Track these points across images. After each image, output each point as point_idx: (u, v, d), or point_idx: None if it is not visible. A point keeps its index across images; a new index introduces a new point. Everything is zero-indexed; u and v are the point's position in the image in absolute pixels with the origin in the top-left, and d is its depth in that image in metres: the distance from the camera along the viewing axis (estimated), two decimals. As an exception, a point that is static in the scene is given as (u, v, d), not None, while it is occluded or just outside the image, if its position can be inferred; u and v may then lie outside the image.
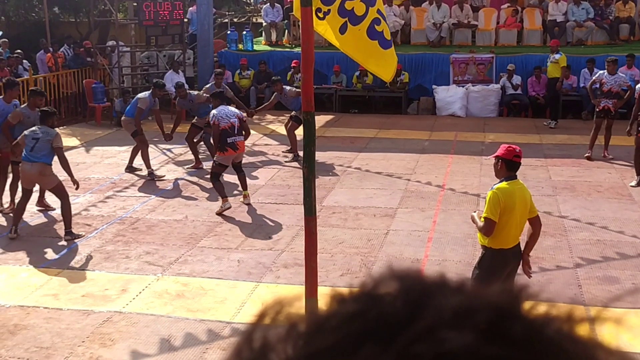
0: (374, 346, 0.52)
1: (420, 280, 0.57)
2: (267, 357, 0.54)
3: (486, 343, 0.51)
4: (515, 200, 5.88)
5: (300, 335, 0.55)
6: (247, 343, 0.56)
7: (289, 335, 0.55)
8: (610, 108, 12.78)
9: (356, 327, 0.54)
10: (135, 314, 7.05)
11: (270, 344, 0.55)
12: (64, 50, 18.62)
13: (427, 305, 0.54)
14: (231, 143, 10.10)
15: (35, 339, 6.57)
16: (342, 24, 6.07)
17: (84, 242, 9.09)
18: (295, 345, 0.54)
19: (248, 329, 0.57)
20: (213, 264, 8.35)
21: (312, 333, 0.55)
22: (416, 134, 15.29)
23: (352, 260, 8.39)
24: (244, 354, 0.55)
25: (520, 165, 6.08)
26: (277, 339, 0.55)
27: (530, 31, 18.70)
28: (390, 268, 0.58)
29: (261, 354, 0.55)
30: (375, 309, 0.55)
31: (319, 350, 0.53)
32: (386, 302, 0.55)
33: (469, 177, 11.89)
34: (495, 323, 0.53)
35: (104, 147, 14.31)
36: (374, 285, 0.57)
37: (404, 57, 18.08)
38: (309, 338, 0.54)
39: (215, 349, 6.40)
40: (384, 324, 0.53)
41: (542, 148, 13.81)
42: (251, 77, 18.38)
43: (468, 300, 0.55)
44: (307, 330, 0.55)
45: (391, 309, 0.54)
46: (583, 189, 11.20)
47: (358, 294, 0.57)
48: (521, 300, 0.55)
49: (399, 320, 0.53)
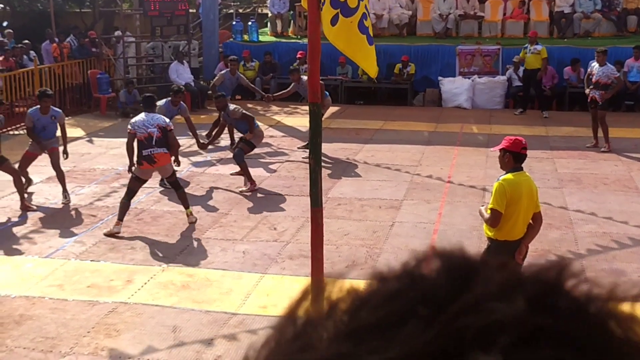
0: (418, 322, 0.52)
1: (463, 257, 0.57)
2: (309, 335, 0.54)
3: (534, 314, 0.52)
4: (522, 191, 5.87)
5: (342, 314, 0.55)
6: (290, 321, 0.56)
7: (331, 313, 0.55)
8: (597, 99, 12.78)
9: (399, 304, 0.54)
10: (140, 305, 7.06)
11: (312, 322, 0.55)
12: (69, 40, 18.60)
13: (471, 281, 0.54)
14: (146, 156, 9.07)
15: (40, 329, 6.58)
16: (334, 15, 5.93)
17: (89, 233, 9.09)
18: (338, 323, 0.54)
19: (291, 306, 0.57)
20: (218, 255, 8.35)
21: (354, 311, 0.55)
22: (422, 125, 15.25)
23: (358, 252, 8.38)
24: (287, 332, 0.56)
25: (526, 157, 6.06)
26: (320, 317, 0.55)
27: (537, 22, 18.60)
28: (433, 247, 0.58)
29: (303, 332, 0.55)
30: (418, 287, 0.55)
31: (360, 327, 0.53)
32: (429, 280, 0.55)
33: (474, 169, 11.86)
34: (541, 296, 0.53)
35: (108, 138, 14.30)
36: (416, 264, 0.57)
37: (409, 48, 18.04)
38: (351, 316, 0.54)
39: (220, 340, 6.40)
40: (427, 301, 0.53)
41: (548, 140, 13.76)
42: (256, 68, 18.33)
43: (513, 274, 0.55)
44: (349, 308, 0.55)
45: (434, 286, 0.55)
46: (589, 182, 11.16)
47: (400, 273, 0.57)
48: (565, 277, 0.55)
49: (442, 297, 0.53)
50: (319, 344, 0.54)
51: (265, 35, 19.92)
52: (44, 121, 10.32)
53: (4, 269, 8.04)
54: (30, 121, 10.36)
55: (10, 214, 9.82)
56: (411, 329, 0.52)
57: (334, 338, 0.54)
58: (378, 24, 18.96)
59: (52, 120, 10.36)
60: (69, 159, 10.77)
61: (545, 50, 15.71)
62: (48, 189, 10.84)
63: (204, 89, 17.16)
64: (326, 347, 0.53)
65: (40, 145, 10.40)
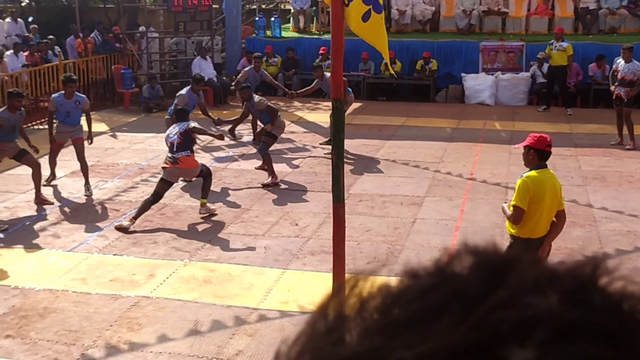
0: (451, 318, 0.52)
1: (496, 254, 0.57)
2: (341, 330, 0.55)
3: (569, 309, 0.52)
4: (545, 188, 5.82)
5: (374, 310, 0.55)
6: (322, 316, 0.56)
7: (364, 308, 0.55)
8: (622, 96, 12.67)
9: (431, 300, 0.54)
10: (162, 299, 7.10)
11: (344, 317, 0.55)
12: (94, 36, 18.73)
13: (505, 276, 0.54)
14: (170, 157, 9.44)
15: (64, 322, 6.64)
16: (366, 12, 6.04)
17: (112, 227, 9.15)
18: (370, 319, 0.55)
19: (323, 302, 0.57)
20: (240, 250, 8.37)
21: (386, 306, 0.55)
22: (444, 122, 15.17)
23: (379, 249, 8.36)
24: (319, 326, 0.56)
25: (550, 154, 6.01)
26: (352, 312, 0.55)
27: (562, 19, 18.43)
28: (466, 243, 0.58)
29: (335, 327, 0.55)
30: (451, 283, 0.55)
31: (393, 323, 0.53)
32: (462, 276, 0.55)
33: (497, 166, 11.78)
34: (576, 291, 0.53)
35: (132, 132, 14.38)
36: (449, 260, 0.57)
37: (432, 44, 17.96)
38: (383, 312, 0.55)
39: (241, 335, 6.42)
40: (460, 297, 0.53)
41: (572, 137, 13.64)
42: (278, 64, 18.34)
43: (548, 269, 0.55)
44: (381, 303, 0.55)
45: (467, 282, 0.54)
46: (614, 179, 11.05)
47: (432, 269, 0.57)
48: (600, 273, 0.56)
49: (476, 293, 0.53)
50: (350, 339, 0.54)
51: (288, 31, 19.91)
52: (67, 106, 10.39)
53: (28, 262, 8.12)
54: (53, 105, 10.41)
55: (34, 207, 9.91)
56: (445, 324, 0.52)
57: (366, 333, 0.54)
58: (401, 19, 18.91)
59: (76, 105, 10.43)
60: (93, 153, 10.86)
61: (571, 47, 15.57)
62: (72, 183, 10.93)
63: (227, 85, 17.20)
64: (358, 342, 0.53)
65: (62, 133, 10.42)
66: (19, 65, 16.34)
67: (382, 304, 0.55)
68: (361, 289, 0.57)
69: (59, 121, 10.57)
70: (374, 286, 0.57)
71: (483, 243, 0.58)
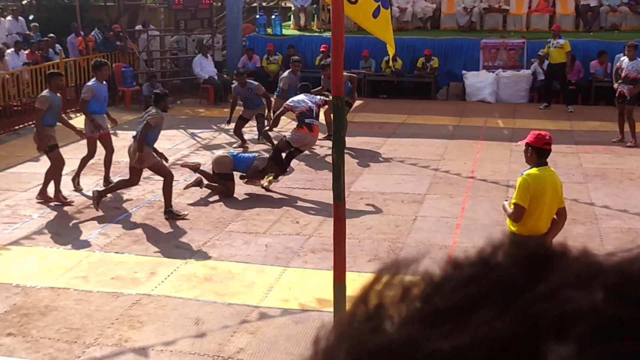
0: (491, 309, 0.51)
1: (541, 246, 0.56)
2: (381, 317, 0.54)
3: (613, 305, 0.51)
4: (546, 186, 5.82)
5: (415, 298, 0.55)
6: (363, 303, 0.56)
7: (404, 296, 0.55)
8: (625, 93, 12.66)
9: (472, 290, 0.53)
10: (163, 297, 7.11)
11: (385, 305, 0.55)
12: (94, 34, 18.73)
13: (548, 269, 0.53)
14: (308, 123, 10.48)
15: (65, 320, 6.65)
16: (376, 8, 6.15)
17: (113, 225, 9.16)
18: (410, 307, 0.54)
19: (364, 289, 0.57)
20: (241, 248, 8.38)
21: (427, 296, 0.54)
22: (445, 119, 15.17)
23: (380, 246, 8.37)
24: (358, 312, 0.56)
25: (550, 152, 6.01)
26: (392, 300, 0.55)
27: (563, 16, 18.42)
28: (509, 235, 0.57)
29: (375, 314, 0.55)
30: (493, 274, 0.54)
31: (433, 312, 0.53)
32: (505, 268, 0.55)
33: (498, 163, 11.78)
34: (621, 287, 0.52)
35: (133, 131, 14.33)
36: (492, 251, 0.56)
37: (433, 42, 17.95)
38: (424, 301, 0.54)
39: (242, 333, 6.43)
40: (502, 288, 0.53)
41: (573, 134, 13.64)
42: (279, 61, 18.32)
43: (592, 264, 0.54)
44: (422, 293, 0.55)
45: (510, 273, 0.54)
46: (615, 177, 11.05)
47: (475, 259, 0.56)
48: None
49: (518, 284, 0.52)
50: (390, 327, 0.54)
51: (289, 28, 19.90)
52: (104, 91, 10.47)
53: (29, 260, 8.13)
54: (92, 92, 10.32)
55: (36, 206, 9.92)
56: (484, 315, 0.51)
57: (405, 322, 0.53)
58: (402, 17, 18.89)
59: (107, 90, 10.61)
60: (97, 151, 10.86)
61: (569, 44, 15.57)
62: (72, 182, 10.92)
63: (227, 83, 17.20)
64: (397, 330, 0.53)
65: (94, 123, 10.36)
66: (20, 64, 16.35)
67: (424, 292, 0.55)
68: (403, 276, 0.57)
69: (96, 112, 10.46)
70: (416, 274, 0.57)
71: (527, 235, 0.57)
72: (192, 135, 14.09)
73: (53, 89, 9.78)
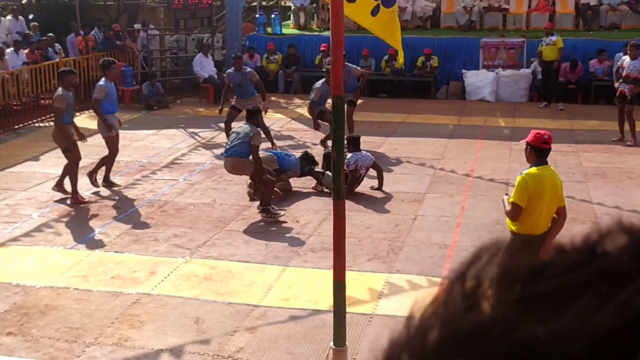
0: (593, 297, 0.50)
1: None
2: (477, 298, 0.54)
3: None
4: (545, 185, 5.81)
5: (515, 280, 0.54)
6: (459, 282, 0.55)
7: (503, 279, 0.54)
8: (626, 93, 12.67)
9: (576, 277, 0.52)
10: (163, 296, 7.11)
11: (482, 286, 0.54)
12: (94, 33, 18.73)
13: None
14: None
15: (65, 319, 6.65)
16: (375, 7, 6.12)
17: (113, 225, 9.17)
18: (508, 289, 0.53)
19: (462, 267, 0.56)
20: (241, 247, 8.38)
21: (528, 279, 0.53)
22: (445, 118, 15.17)
23: (380, 245, 8.37)
24: (454, 291, 0.55)
25: (549, 151, 6.00)
26: (491, 281, 0.54)
27: (563, 15, 18.42)
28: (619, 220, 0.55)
29: (471, 294, 0.54)
30: (599, 261, 0.53)
31: (532, 296, 0.52)
32: (612, 255, 0.53)
33: (498, 162, 11.78)
34: None
35: (132, 130, 14.38)
36: (599, 238, 0.54)
37: (433, 41, 17.94)
38: (524, 284, 0.53)
39: (242, 332, 6.43)
40: (607, 276, 0.51)
41: (573, 134, 13.64)
42: (279, 61, 18.32)
43: None
44: (523, 276, 0.54)
45: (616, 262, 0.52)
46: (614, 176, 11.05)
47: (581, 245, 0.54)
48: None
49: (624, 274, 0.51)
50: (485, 307, 0.53)
51: (288, 27, 19.90)
52: (115, 90, 10.52)
53: (29, 259, 8.13)
54: (105, 91, 10.26)
55: (36, 205, 9.92)
56: (585, 304, 0.50)
57: (501, 303, 0.53)
58: (401, 16, 18.87)
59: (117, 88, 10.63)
60: (93, 151, 10.87)
61: (561, 40, 15.63)
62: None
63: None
64: (492, 311, 0.52)
65: (106, 124, 10.33)
66: (20, 63, 16.35)
67: (524, 276, 0.54)
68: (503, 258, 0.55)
69: (109, 112, 10.41)
70: (517, 257, 0.55)
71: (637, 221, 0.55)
72: (191, 135, 14.09)
73: (66, 86, 9.80)
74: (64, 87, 9.78)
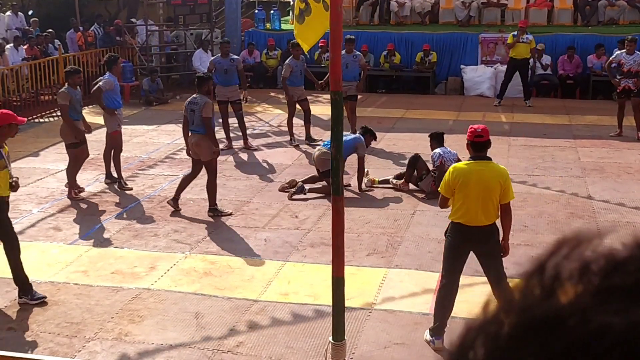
0: None
1: None
2: (554, 287, 0.55)
3: None
4: (470, 179, 5.90)
5: (594, 272, 0.54)
6: (539, 271, 0.56)
7: (583, 271, 0.55)
8: (631, 87, 12.70)
9: None
10: (163, 291, 7.15)
11: (560, 277, 0.55)
12: (94, 29, 18.73)
13: None
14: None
15: (65, 314, 6.69)
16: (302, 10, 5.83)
17: (113, 220, 9.20)
18: (587, 281, 0.54)
19: (542, 258, 0.57)
20: (240, 242, 8.41)
21: (607, 272, 0.54)
22: (444, 114, 15.19)
23: (379, 240, 8.40)
24: (533, 281, 0.56)
25: (485, 144, 6.11)
26: (570, 273, 0.55)
27: (561, 10, 18.43)
28: None
29: (550, 284, 0.55)
30: None
31: (609, 288, 0.53)
32: None
33: (496, 157, 11.66)
34: None
35: (132, 125, 14.40)
36: None
37: (432, 36, 17.95)
38: (603, 276, 0.54)
39: (242, 327, 6.46)
40: None
41: (571, 129, 13.66)
42: (279, 56, 18.33)
43: None
44: (602, 269, 0.54)
45: None
46: (612, 171, 11.08)
47: None
48: None
49: None
50: (562, 295, 0.54)
51: (287, 23, 19.90)
52: (118, 86, 10.48)
53: (30, 254, 8.14)
54: (111, 85, 10.28)
55: (36, 200, 9.95)
56: None
57: (579, 294, 0.53)
58: (400, 12, 18.90)
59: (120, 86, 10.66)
60: (93, 146, 10.87)
61: (534, 41, 15.58)
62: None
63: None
64: (570, 300, 0.53)
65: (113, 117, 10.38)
66: (19, 59, 16.36)
67: (603, 268, 0.54)
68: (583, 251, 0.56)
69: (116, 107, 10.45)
70: (597, 250, 0.56)
71: None
72: (191, 130, 14.09)
73: (71, 85, 9.84)
74: (69, 85, 9.84)
